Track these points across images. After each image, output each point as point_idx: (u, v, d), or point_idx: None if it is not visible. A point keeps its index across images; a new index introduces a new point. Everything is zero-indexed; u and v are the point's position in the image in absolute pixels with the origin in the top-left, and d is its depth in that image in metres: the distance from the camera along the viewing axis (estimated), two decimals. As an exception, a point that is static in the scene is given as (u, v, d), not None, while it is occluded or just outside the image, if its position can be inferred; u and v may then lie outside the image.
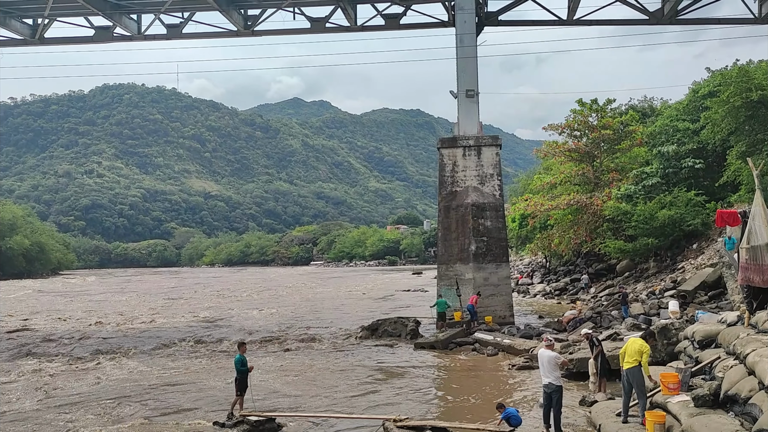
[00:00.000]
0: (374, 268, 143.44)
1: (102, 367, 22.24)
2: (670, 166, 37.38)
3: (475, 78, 31.58)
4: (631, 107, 52.28)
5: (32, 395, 17.98)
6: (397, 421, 12.87)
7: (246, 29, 34.25)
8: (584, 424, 13.49)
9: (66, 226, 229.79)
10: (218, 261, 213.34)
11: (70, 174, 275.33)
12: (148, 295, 61.25)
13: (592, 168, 43.70)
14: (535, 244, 52.16)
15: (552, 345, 12.83)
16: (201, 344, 27.15)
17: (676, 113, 41.13)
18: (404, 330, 27.62)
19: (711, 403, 11.21)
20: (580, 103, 44.38)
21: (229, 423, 14.11)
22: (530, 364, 19.71)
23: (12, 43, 35.35)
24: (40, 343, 28.47)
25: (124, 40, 35.49)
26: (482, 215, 30.45)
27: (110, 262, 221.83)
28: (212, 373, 20.66)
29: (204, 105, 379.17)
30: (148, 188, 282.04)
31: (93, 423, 14.88)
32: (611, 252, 39.54)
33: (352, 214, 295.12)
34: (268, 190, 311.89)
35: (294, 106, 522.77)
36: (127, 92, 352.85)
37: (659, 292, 29.79)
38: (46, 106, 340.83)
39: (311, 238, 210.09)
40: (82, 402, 16.99)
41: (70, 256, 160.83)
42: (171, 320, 37.43)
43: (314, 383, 18.88)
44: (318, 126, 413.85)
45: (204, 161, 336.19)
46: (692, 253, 33.93)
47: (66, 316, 41.11)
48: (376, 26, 34.54)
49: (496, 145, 31.11)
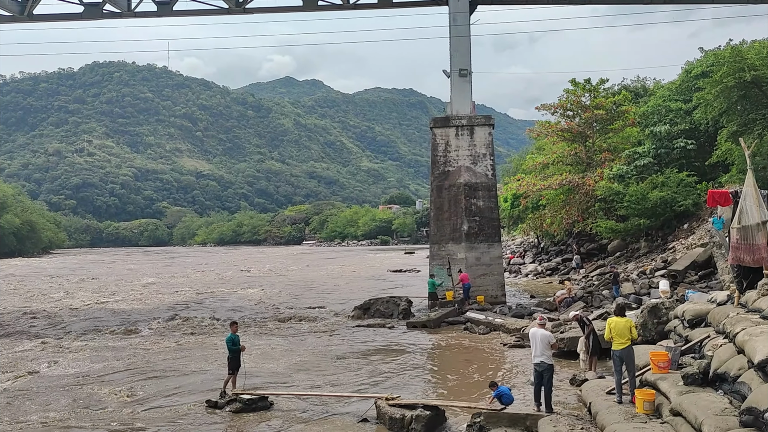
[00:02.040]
0: (366, 248, 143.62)
1: (89, 348, 22.24)
2: (663, 147, 37.42)
3: (468, 57, 31.44)
4: (624, 87, 52.17)
5: (29, 374, 17.98)
6: (389, 399, 12.95)
7: (237, 6, 33.90)
8: (575, 402, 13.62)
9: (57, 205, 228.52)
10: (210, 240, 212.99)
11: (61, 153, 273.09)
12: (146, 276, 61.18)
13: (585, 148, 43.71)
14: (527, 224, 52.31)
15: (544, 324, 12.90)
16: (193, 323, 27.14)
17: (669, 93, 41.08)
18: (396, 309, 27.73)
19: (700, 382, 11.30)
20: (573, 83, 44.26)
21: (222, 401, 14.18)
22: (522, 343, 19.84)
23: (0, 19, 34.87)
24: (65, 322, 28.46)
25: (113, 17, 35.08)
26: (475, 195, 30.47)
27: (101, 241, 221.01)
28: (204, 352, 20.70)
29: (195, 83, 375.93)
30: (139, 167, 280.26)
31: (84, 406, 14.91)
32: (603, 232, 39.69)
33: (345, 194, 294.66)
34: (260, 169, 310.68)
35: (286, 85, 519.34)
36: (118, 70, 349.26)
37: (650, 272, 29.96)
38: (36, 84, 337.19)
39: (303, 217, 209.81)
40: (71, 384, 17.00)
41: (61, 236, 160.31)
42: (164, 299, 37.43)
43: (306, 362, 18.95)
44: (310, 105, 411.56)
45: (195, 140, 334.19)
46: (683, 233, 34.11)
47: (67, 295, 41.09)
48: (368, 4, 34.26)
49: (489, 125, 31.06)
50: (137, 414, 13.87)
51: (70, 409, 14.23)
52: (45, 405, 14.62)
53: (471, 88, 31.42)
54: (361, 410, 13.33)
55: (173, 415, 13.80)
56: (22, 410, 14.23)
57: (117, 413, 13.91)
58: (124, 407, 14.37)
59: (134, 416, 13.71)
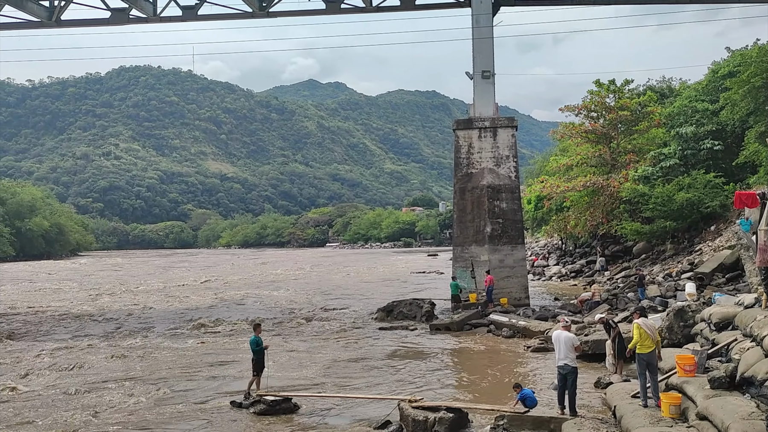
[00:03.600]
0: (389, 250, 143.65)
1: (122, 348, 22.53)
2: (689, 148, 36.99)
3: (491, 59, 31.32)
4: (649, 88, 51.67)
5: (59, 374, 18.28)
6: (412, 401, 12.95)
7: (261, 10, 34.11)
8: (599, 405, 13.52)
9: (84, 207, 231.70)
10: (234, 242, 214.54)
11: (88, 156, 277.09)
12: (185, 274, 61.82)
13: (609, 149, 43.35)
14: (551, 226, 51.98)
15: (568, 326, 12.82)
16: (219, 324, 27.39)
17: (695, 94, 40.62)
18: (419, 311, 27.72)
19: (727, 385, 11.18)
20: (598, 84, 43.91)
21: (246, 402, 14.30)
22: (545, 345, 19.74)
23: (29, 25, 35.48)
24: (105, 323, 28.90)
25: (139, 22, 35.50)
26: (498, 197, 30.35)
27: (128, 243, 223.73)
28: (229, 353, 20.87)
29: (219, 87, 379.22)
30: (164, 170, 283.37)
31: (111, 403, 15.12)
32: (628, 234, 39.33)
33: (368, 196, 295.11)
34: (283, 171, 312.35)
35: (309, 87, 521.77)
36: (144, 74, 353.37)
37: (676, 275, 29.62)
38: (64, 89, 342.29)
39: (327, 219, 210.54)
40: (102, 382, 17.25)
41: (88, 238, 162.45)
42: (191, 301, 37.81)
43: (329, 364, 19.03)
44: (333, 108, 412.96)
45: (220, 143, 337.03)
46: (710, 235, 33.67)
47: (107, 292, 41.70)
48: (391, 7, 34.23)
49: (512, 127, 30.93)
50: (162, 414, 14.03)
51: (98, 409, 14.43)
52: (71, 404, 14.86)
53: (494, 90, 31.30)
54: (384, 412, 13.35)
55: (198, 415, 13.94)
56: (51, 406, 14.48)
57: (143, 413, 14.09)
58: (150, 407, 14.55)
59: (159, 416, 13.88)
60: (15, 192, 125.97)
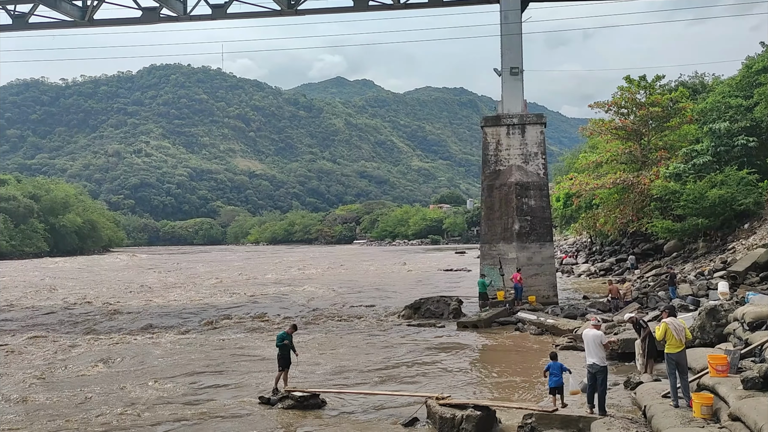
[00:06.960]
0: (417, 247, 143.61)
1: (153, 343, 22.86)
2: (722, 144, 36.32)
3: (519, 55, 31.10)
4: (681, 83, 50.81)
5: (87, 366, 18.60)
6: (439, 398, 12.94)
7: (289, 8, 34.27)
8: (629, 404, 13.37)
9: (116, 204, 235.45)
10: (263, 239, 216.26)
11: (120, 153, 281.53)
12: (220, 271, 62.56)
13: (640, 146, 42.78)
14: (580, 224, 51.52)
15: (598, 325, 12.70)
16: (246, 320, 27.66)
17: (729, 89, 39.85)
18: (447, 309, 27.67)
19: (761, 386, 10.98)
20: (628, 79, 43.32)
21: (275, 398, 14.41)
22: (574, 344, 19.57)
23: (62, 24, 36.09)
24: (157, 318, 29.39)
25: (170, 20, 35.91)
26: (526, 194, 30.15)
27: (158, 239, 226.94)
28: (258, 349, 21.05)
29: (248, 85, 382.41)
30: (194, 167, 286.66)
31: (137, 400, 15.33)
32: (658, 232, 38.77)
33: (395, 193, 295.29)
34: (311, 169, 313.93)
35: (337, 85, 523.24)
36: (174, 72, 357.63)
37: (708, 273, 29.13)
38: (96, 87, 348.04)
39: (354, 217, 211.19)
40: (131, 377, 17.50)
41: (120, 234, 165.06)
42: (223, 297, 38.23)
43: (357, 361, 19.09)
44: (361, 105, 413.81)
45: (248, 140, 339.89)
46: (744, 233, 33.05)
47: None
48: (419, 3, 34.20)
49: (541, 123, 30.68)
50: (192, 408, 14.20)
51: (132, 402, 14.66)
52: (101, 396, 15.11)
53: (522, 86, 31.08)
54: (412, 409, 13.36)
55: (226, 410, 14.09)
56: (86, 401, 14.75)
57: (174, 407, 14.27)
58: (179, 402, 14.73)
59: (188, 410, 14.04)
60: (49, 189, 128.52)
